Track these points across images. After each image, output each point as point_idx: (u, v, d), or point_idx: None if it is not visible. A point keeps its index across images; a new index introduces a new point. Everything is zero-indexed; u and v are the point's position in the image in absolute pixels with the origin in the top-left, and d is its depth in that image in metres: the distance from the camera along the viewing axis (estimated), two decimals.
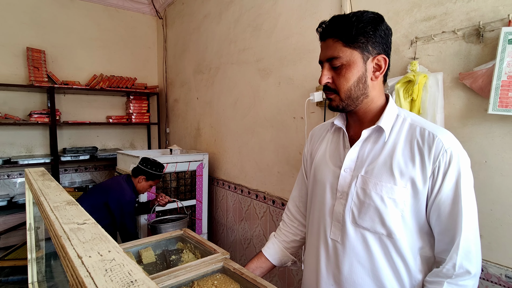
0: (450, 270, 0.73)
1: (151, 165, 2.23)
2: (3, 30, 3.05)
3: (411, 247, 0.78)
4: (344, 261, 0.84)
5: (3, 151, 3.16)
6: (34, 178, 0.79)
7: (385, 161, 0.79)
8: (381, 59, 0.80)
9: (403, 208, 0.77)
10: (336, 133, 0.95)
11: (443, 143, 0.75)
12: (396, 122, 0.83)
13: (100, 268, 0.31)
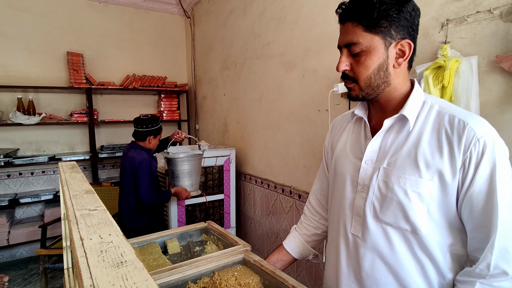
0: (484, 270, 0.67)
1: (151, 123, 2.25)
2: (46, 37, 3.29)
3: (440, 244, 0.72)
4: (365, 257, 0.80)
5: (49, 148, 3.43)
6: (64, 171, 0.85)
7: (409, 152, 0.73)
8: (405, 44, 0.73)
9: (429, 203, 0.71)
10: (357, 124, 0.90)
11: (475, 131, 0.67)
12: (422, 110, 0.76)
13: (97, 249, 0.32)
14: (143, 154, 2.21)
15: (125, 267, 0.28)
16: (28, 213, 3.37)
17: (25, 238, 3.09)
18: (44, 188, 3.41)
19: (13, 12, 3.14)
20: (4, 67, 3.14)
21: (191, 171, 2.28)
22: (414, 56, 0.78)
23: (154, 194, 2.19)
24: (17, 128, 3.22)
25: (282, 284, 0.91)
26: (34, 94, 3.28)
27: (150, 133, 2.27)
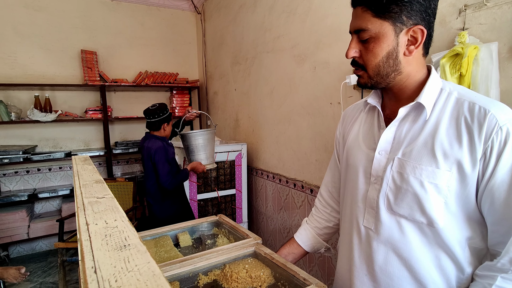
0: (505, 265, 0.63)
1: (162, 111, 2.33)
2: (61, 35, 3.36)
3: (458, 238, 0.69)
4: (379, 251, 0.77)
5: (65, 145, 3.51)
6: (76, 163, 0.86)
7: (426, 141, 0.70)
8: (417, 30, 0.68)
9: (446, 194, 0.67)
10: (370, 113, 0.86)
11: (498, 118, 0.63)
12: (440, 97, 0.72)
13: (101, 233, 0.32)
14: (158, 143, 2.27)
15: (128, 250, 0.28)
16: (46, 208, 3.48)
17: (44, 231, 3.19)
18: (61, 183, 3.51)
19: (29, 12, 3.22)
20: (22, 66, 3.23)
21: (205, 145, 2.36)
22: (431, 42, 0.73)
23: (174, 177, 2.25)
24: (35, 125, 3.31)
25: (293, 277, 0.90)
26: (51, 92, 3.36)
27: (163, 121, 2.34)
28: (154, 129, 2.36)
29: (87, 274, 0.23)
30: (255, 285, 0.92)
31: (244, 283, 0.92)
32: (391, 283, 0.76)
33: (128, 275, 0.23)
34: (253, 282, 0.92)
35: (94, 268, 0.24)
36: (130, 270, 0.24)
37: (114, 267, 0.24)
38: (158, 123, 2.33)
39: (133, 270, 0.24)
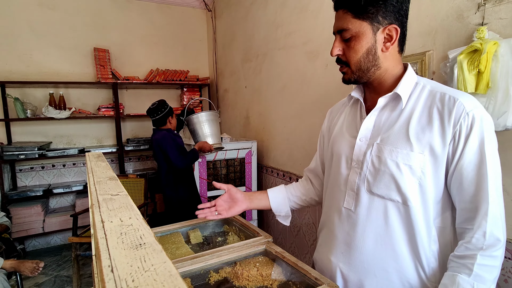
0: (480, 239, 0.70)
1: (163, 107, 2.52)
2: (74, 33, 3.42)
3: (428, 216, 0.77)
4: (357, 229, 0.85)
5: (79, 142, 3.58)
6: (90, 160, 0.87)
7: (402, 127, 0.78)
8: (392, 29, 0.77)
9: (420, 176, 0.75)
10: (353, 105, 0.95)
11: (465, 106, 0.71)
12: (415, 89, 0.80)
13: (117, 231, 0.32)
14: (163, 132, 2.47)
15: (143, 249, 0.27)
16: (61, 203, 3.55)
17: (58, 226, 3.26)
18: (75, 179, 3.58)
19: (43, 10, 3.28)
20: (37, 64, 3.30)
21: (209, 125, 2.51)
22: (405, 40, 0.81)
23: (184, 157, 2.40)
24: (50, 122, 3.38)
25: (304, 276, 0.90)
26: (64, 90, 3.42)
27: (166, 115, 2.54)
28: (161, 124, 2.56)
29: (104, 273, 0.23)
30: (266, 284, 0.92)
31: (255, 281, 0.92)
32: (364, 259, 0.84)
33: (144, 275, 0.23)
34: (264, 281, 0.92)
35: (111, 267, 0.24)
36: (146, 269, 0.24)
37: (131, 266, 0.24)
38: (162, 118, 2.53)
39: (150, 270, 0.24)
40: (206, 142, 2.45)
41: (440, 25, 1.26)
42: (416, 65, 1.34)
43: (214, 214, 1.07)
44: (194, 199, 2.54)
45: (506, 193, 1.09)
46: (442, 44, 1.26)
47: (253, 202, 1.10)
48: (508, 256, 1.09)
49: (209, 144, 2.45)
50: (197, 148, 2.43)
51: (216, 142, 2.52)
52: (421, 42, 1.34)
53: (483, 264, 0.69)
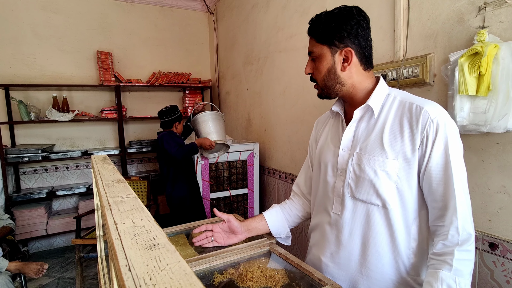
0: (455, 235, 0.76)
1: (173, 112, 2.64)
2: (77, 37, 3.45)
3: (406, 217, 0.84)
4: (344, 232, 0.92)
5: (82, 144, 3.60)
6: (96, 162, 0.88)
7: (377, 137, 0.86)
8: (347, 51, 0.87)
9: (396, 180, 0.83)
10: (336, 118, 1.04)
11: (429, 113, 0.79)
12: (387, 101, 0.89)
13: (130, 233, 0.33)
14: (165, 132, 2.58)
15: (157, 249, 0.29)
16: (64, 205, 3.57)
17: (61, 228, 3.28)
18: (78, 181, 3.60)
19: (47, 14, 3.31)
20: (40, 67, 3.32)
21: (213, 124, 2.57)
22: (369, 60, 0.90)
23: (182, 149, 2.46)
24: (53, 125, 3.41)
25: (308, 277, 0.91)
26: (68, 92, 3.45)
27: (174, 120, 2.66)
28: (167, 127, 2.65)
29: (122, 272, 0.24)
30: (269, 285, 0.92)
31: (259, 282, 0.93)
32: (351, 258, 0.92)
33: (161, 273, 0.24)
34: (268, 282, 0.93)
35: (128, 266, 0.25)
36: (162, 269, 0.25)
37: (147, 266, 0.25)
38: (170, 122, 2.64)
39: (165, 269, 0.25)
40: (207, 138, 2.50)
41: (441, 28, 1.27)
42: (417, 67, 1.36)
43: (210, 241, 1.09)
44: (195, 198, 2.57)
45: (507, 194, 1.09)
46: (443, 47, 1.27)
47: (252, 232, 1.12)
48: (509, 257, 1.09)
49: (209, 140, 2.49)
50: (198, 143, 2.48)
51: (218, 139, 2.54)
52: (423, 45, 1.35)
53: (461, 258, 0.74)
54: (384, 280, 0.88)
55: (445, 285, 0.74)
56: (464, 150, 1.19)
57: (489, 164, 1.14)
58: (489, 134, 1.12)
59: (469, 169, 1.18)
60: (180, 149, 2.44)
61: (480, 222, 1.18)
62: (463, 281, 0.74)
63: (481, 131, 1.07)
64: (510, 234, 1.10)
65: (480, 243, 1.17)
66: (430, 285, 0.75)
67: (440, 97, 1.29)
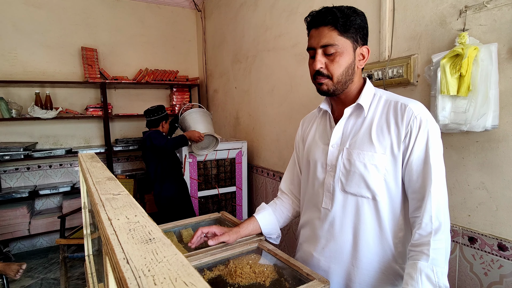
0: (428, 224, 0.81)
1: (160, 110, 2.64)
2: (61, 32, 3.36)
3: (394, 208, 0.89)
4: (335, 225, 0.96)
5: (66, 142, 3.52)
6: (84, 160, 0.87)
7: (365, 133, 0.90)
8: (365, 49, 0.92)
9: (385, 173, 0.87)
10: (323, 116, 1.06)
11: (413, 110, 0.85)
12: (374, 99, 0.94)
13: (125, 228, 0.34)
14: (151, 130, 2.56)
15: (154, 243, 0.29)
16: (47, 205, 3.49)
17: (44, 228, 3.20)
18: (62, 180, 3.52)
19: (29, 9, 3.21)
20: (22, 63, 3.23)
21: (201, 120, 2.61)
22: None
23: (171, 139, 2.47)
24: (35, 122, 3.32)
25: (296, 272, 0.92)
26: (51, 89, 3.36)
27: (161, 119, 2.65)
28: (153, 126, 2.63)
29: (121, 265, 0.25)
30: (259, 280, 0.94)
31: (248, 278, 0.94)
32: (342, 251, 0.94)
33: (159, 265, 0.25)
34: (257, 277, 0.95)
35: (126, 259, 0.26)
36: (160, 261, 0.26)
37: (144, 258, 0.26)
38: (157, 121, 2.63)
39: (163, 261, 0.26)
40: (196, 131, 2.49)
41: (425, 30, 1.31)
42: (402, 68, 1.39)
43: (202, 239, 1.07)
44: (184, 197, 2.56)
45: (485, 190, 1.15)
46: (427, 48, 1.31)
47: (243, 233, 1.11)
48: (487, 250, 1.15)
49: (198, 132, 2.48)
50: (187, 136, 2.48)
51: (209, 132, 2.55)
52: (407, 46, 1.39)
53: (436, 247, 0.79)
54: (374, 270, 0.92)
55: (423, 275, 0.78)
56: (446, 148, 1.24)
57: (469, 162, 1.19)
58: (469, 132, 1.16)
59: (450, 166, 1.23)
60: (170, 140, 2.44)
61: (460, 217, 1.23)
62: (440, 269, 0.78)
63: (462, 129, 1.12)
64: (488, 229, 1.15)
65: (460, 237, 1.23)
66: (410, 276, 0.79)
67: (423, 96, 1.33)
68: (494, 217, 1.13)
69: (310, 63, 0.93)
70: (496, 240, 1.12)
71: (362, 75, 1.00)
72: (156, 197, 2.58)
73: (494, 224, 1.13)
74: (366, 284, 0.93)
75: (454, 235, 1.24)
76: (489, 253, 1.14)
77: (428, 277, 0.77)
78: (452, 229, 1.24)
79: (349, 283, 0.95)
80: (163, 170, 2.53)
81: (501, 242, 1.11)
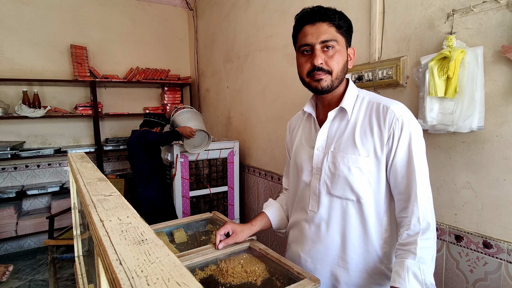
0: (416, 225, 0.82)
1: (163, 117, 2.68)
2: (50, 30, 3.30)
3: (379, 209, 0.90)
4: (321, 227, 0.97)
5: (54, 141, 3.46)
6: (74, 160, 0.86)
7: (349, 136, 0.91)
8: (351, 51, 0.94)
9: (369, 176, 0.88)
10: (308, 119, 1.07)
11: (395, 112, 0.86)
12: (357, 102, 0.94)
13: (117, 229, 0.34)
14: (141, 130, 2.52)
15: (146, 244, 0.30)
16: (35, 205, 3.42)
17: (32, 229, 3.15)
18: (51, 180, 3.46)
19: (16, 5, 3.14)
20: (9, 60, 3.16)
21: (193, 118, 2.61)
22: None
23: (164, 132, 2.45)
24: (23, 121, 3.25)
25: (287, 271, 0.93)
26: (39, 87, 3.30)
27: (158, 124, 2.65)
28: (148, 127, 2.61)
29: (114, 266, 0.25)
30: (250, 280, 0.95)
31: (240, 278, 0.95)
32: (328, 252, 0.96)
33: (151, 266, 0.25)
34: (249, 277, 0.95)
35: (119, 260, 0.26)
36: (152, 262, 0.26)
37: (137, 259, 0.27)
38: (154, 123, 2.63)
39: (156, 262, 0.26)
40: (188, 126, 2.48)
41: (414, 32, 1.34)
42: (391, 69, 1.42)
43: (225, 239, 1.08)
44: (166, 200, 2.54)
45: (471, 190, 1.18)
46: (415, 50, 1.34)
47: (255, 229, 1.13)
48: (473, 248, 1.18)
49: (190, 127, 2.46)
50: (179, 131, 2.46)
51: (200, 129, 2.54)
52: (396, 48, 1.42)
53: (423, 246, 0.81)
54: (360, 270, 0.93)
55: (410, 272, 0.80)
56: (433, 148, 1.27)
57: (456, 162, 1.21)
58: (456, 133, 1.19)
59: (437, 166, 1.26)
60: (163, 133, 2.42)
61: (447, 216, 1.26)
62: (426, 267, 0.80)
63: (449, 130, 1.14)
64: (474, 227, 1.18)
65: (447, 235, 1.26)
66: (398, 274, 0.81)
67: (412, 98, 1.36)
68: (480, 216, 1.16)
69: (303, 60, 0.91)
70: (481, 238, 1.15)
71: (353, 76, 1.02)
72: (138, 197, 2.54)
73: (480, 222, 1.16)
74: (352, 284, 0.94)
75: (441, 234, 1.27)
76: (474, 250, 1.17)
77: (415, 274, 0.79)
78: (439, 228, 1.27)
79: (335, 284, 0.96)
80: (150, 169, 2.50)
81: (486, 240, 1.14)
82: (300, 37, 0.92)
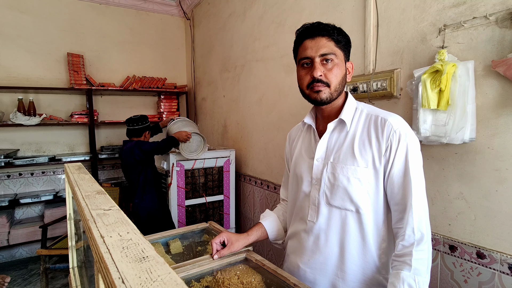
0: (411, 235, 0.84)
1: (145, 120, 2.55)
2: (47, 38, 3.31)
3: (377, 220, 0.92)
4: (320, 237, 0.97)
5: (49, 149, 3.44)
6: (71, 172, 0.87)
7: (348, 147, 0.93)
8: (350, 65, 0.98)
9: (367, 186, 0.90)
10: (307, 130, 1.09)
11: (392, 125, 0.88)
12: (355, 114, 0.97)
13: (118, 246, 0.34)
14: (135, 141, 2.44)
15: (147, 261, 0.30)
16: (28, 214, 3.38)
17: (25, 238, 3.10)
18: (44, 188, 3.42)
19: (14, 14, 3.16)
20: (5, 68, 3.15)
21: (187, 125, 2.64)
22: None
23: (161, 140, 2.42)
24: (18, 129, 3.23)
25: (283, 282, 0.94)
26: (35, 95, 3.29)
27: (145, 128, 2.54)
28: (136, 136, 2.52)
29: (117, 285, 0.26)
30: None
31: None
32: (327, 263, 0.96)
33: (154, 284, 0.26)
34: None
35: (121, 279, 0.27)
36: (154, 280, 0.27)
37: (139, 278, 0.27)
38: (140, 130, 2.52)
39: (157, 280, 0.27)
40: (183, 130, 2.48)
41: (407, 46, 1.37)
42: (386, 81, 1.45)
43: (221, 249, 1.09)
44: (163, 209, 2.50)
45: (464, 200, 1.19)
46: (409, 63, 1.37)
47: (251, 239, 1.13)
48: (467, 258, 1.19)
49: (185, 131, 2.45)
50: (175, 137, 2.44)
51: (195, 132, 2.54)
52: (390, 60, 1.45)
53: (418, 258, 0.82)
54: (358, 281, 0.94)
55: (406, 284, 0.81)
56: (427, 159, 1.29)
57: (449, 173, 1.23)
58: (448, 145, 1.22)
59: (431, 177, 1.28)
60: (160, 141, 2.38)
61: (441, 226, 1.27)
62: (421, 279, 0.81)
63: (442, 142, 1.17)
64: (467, 237, 1.20)
65: (441, 245, 1.27)
66: (393, 286, 0.82)
67: (406, 109, 1.38)
68: (473, 226, 1.18)
69: (303, 73, 0.95)
70: (475, 248, 1.17)
71: (348, 87, 1.04)
72: (135, 207, 2.47)
73: (473, 232, 1.18)
74: None
75: (436, 244, 1.28)
76: (468, 261, 1.19)
77: (410, 286, 0.80)
78: (434, 238, 1.28)
79: None
80: (145, 179, 2.45)
81: (479, 250, 1.15)
82: (300, 51, 0.96)
